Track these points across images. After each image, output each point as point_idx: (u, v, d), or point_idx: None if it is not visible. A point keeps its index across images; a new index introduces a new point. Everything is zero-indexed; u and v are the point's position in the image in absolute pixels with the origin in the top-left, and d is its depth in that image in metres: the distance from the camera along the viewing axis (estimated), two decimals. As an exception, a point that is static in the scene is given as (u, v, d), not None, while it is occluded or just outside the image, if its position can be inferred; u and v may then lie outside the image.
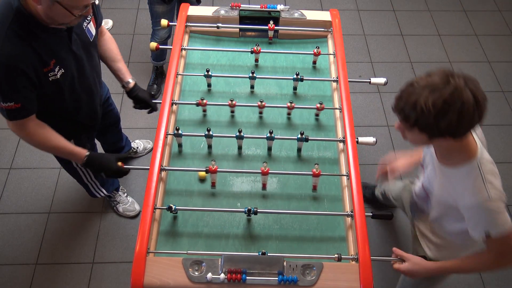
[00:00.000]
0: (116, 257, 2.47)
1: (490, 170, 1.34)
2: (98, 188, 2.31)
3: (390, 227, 2.62)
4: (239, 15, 2.22)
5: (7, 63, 1.43)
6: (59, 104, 1.72)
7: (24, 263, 2.43)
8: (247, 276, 1.44)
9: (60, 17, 1.45)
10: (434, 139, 1.28)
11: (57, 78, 1.58)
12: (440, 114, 1.18)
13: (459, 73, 1.22)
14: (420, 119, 1.22)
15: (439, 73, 1.22)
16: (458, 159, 1.37)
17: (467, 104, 1.17)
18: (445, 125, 1.20)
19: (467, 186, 1.35)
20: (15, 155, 2.85)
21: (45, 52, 1.51)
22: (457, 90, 1.17)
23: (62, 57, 1.58)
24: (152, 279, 1.44)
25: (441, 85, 1.18)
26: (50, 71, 1.55)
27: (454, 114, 1.18)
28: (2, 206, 2.64)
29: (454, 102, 1.17)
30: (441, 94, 1.17)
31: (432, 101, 1.18)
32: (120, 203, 2.57)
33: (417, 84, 1.23)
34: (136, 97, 1.99)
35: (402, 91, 1.28)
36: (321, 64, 2.19)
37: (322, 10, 3.74)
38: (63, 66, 1.59)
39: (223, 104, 1.94)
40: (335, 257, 1.52)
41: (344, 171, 1.79)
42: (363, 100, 3.25)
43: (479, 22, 3.83)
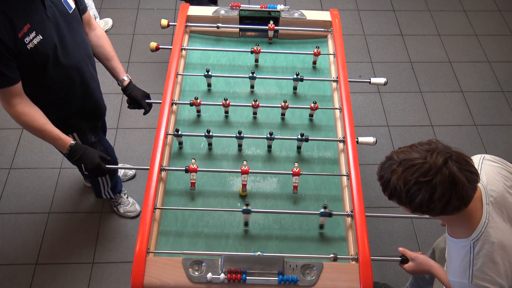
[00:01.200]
0: (116, 257, 2.47)
1: (488, 254, 1.26)
2: (108, 189, 2.34)
3: (390, 227, 2.62)
4: (239, 15, 2.22)
5: None
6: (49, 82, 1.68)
7: (24, 263, 2.43)
8: (247, 276, 1.44)
9: None
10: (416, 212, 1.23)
11: (35, 45, 1.54)
12: (412, 192, 1.15)
13: (444, 150, 1.16)
14: (394, 194, 1.20)
15: (421, 148, 1.18)
16: (458, 231, 1.32)
17: (440, 185, 1.11)
18: (418, 203, 1.16)
19: (456, 263, 1.33)
20: (15, 155, 2.85)
21: (17, 15, 1.48)
22: (432, 169, 1.12)
23: (36, 22, 1.54)
24: (152, 279, 1.44)
25: (417, 163, 1.14)
26: (25, 35, 1.50)
27: (426, 194, 1.13)
28: (2, 206, 2.64)
29: (426, 182, 1.12)
30: (413, 172, 1.14)
31: (403, 178, 1.15)
32: (121, 204, 2.57)
33: (396, 157, 1.20)
34: (130, 95, 1.98)
35: (384, 161, 1.25)
36: (321, 64, 2.19)
37: (322, 10, 3.74)
38: (40, 31, 1.55)
39: (217, 104, 1.94)
40: (331, 257, 1.52)
41: (344, 171, 1.79)
42: (363, 100, 3.25)
43: (479, 22, 3.83)
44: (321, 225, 1.67)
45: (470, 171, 1.15)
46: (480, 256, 1.27)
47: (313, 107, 1.92)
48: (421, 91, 3.33)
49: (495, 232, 1.27)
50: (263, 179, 1.81)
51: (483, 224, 1.26)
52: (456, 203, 1.15)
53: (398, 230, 2.62)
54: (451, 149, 1.18)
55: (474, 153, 3.22)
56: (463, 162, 1.15)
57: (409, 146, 1.22)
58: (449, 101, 3.29)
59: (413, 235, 2.61)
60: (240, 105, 1.98)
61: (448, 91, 3.35)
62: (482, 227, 1.26)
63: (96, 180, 2.23)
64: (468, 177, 1.14)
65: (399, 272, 2.42)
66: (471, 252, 1.28)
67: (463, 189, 1.13)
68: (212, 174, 1.80)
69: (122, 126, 3.02)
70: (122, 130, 2.99)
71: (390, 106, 3.24)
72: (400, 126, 3.12)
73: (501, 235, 1.27)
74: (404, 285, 2.24)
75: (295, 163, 1.73)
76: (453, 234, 1.35)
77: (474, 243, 1.27)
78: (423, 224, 2.64)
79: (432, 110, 3.22)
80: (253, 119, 1.99)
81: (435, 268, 1.56)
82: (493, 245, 1.26)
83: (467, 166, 1.15)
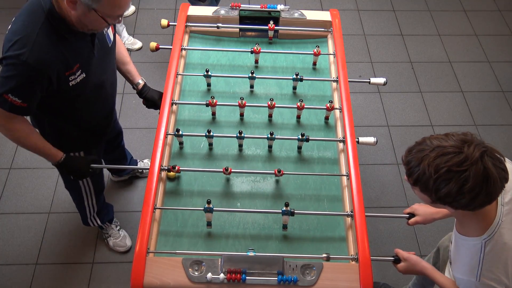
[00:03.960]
0: (116, 257, 2.47)
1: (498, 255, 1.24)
2: (94, 215, 2.27)
3: (390, 227, 2.62)
4: (239, 15, 2.22)
5: (34, 66, 1.43)
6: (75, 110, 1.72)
7: (24, 263, 2.43)
8: (247, 276, 1.44)
9: (93, 24, 1.47)
10: (437, 204, 1.22)
11: (78, 82, 1.58)
12: (441, 180, 1.12)
13: (481, 144, 1.14)
14: (421, 180, 1.17)
15: (457, 137, 1.15)
16: (469, 229, 1.30)
17: (473, 178, 1.09)
18: (444, 193, 1.14)
19: (464, 260, 1.32)
20: (15, 155, 2.85)
21: (72, 55, 1.52)
22: (467, 161, 1.10)
23: (85, 61, 1.59)
24: (152, 279, 1.44)
25: (452, 151, 1.11)
26: (71, 74, 1.55)
27: (455, 185, 1.11)
28: (2, 206, 2.64)
29: (458, 172, 1.10)
30: (447, 161, 1.11)
31: (436, 165, 1.12)
32: (111, 237, 2.47)
33: (429, 142, 1.17)
34: (146, 97, 2.03)
35: (413, 146, 1.22)
36: (321, 64, 2.19)
37: (322, 10, 3.74)
38: (85, 70, 1.59)
39: (232, 104, 1.94)
40: (323, 256, 1.51)
41: (344, 171, 1.79)
42: (363, 100, 3.25)
43: (479, 22, 3.83)
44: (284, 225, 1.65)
45: (503, 169, 1.14)
46: (491, 256, 1.26)
47: (329, 107, 1.90)
48: (421, 91, 3.33)
49: (508, 233, 1.25)
50: (263, 179, 1.81)
51: (496, 224, 1.25)
52: (483, 198, 1.13)
53: (398, 230, 2.62)
54: (486, 144, 1.16)
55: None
56: (497, 158, 1.14)
57: (444, 134, 1.19)
58: (449, 101, 3.29)
59: (413, 235, 2.61)
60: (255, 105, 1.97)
61: (448, 91, 3.35)
62: (496, 227, 1.25)
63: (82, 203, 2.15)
64: (501, 174, 1.13)
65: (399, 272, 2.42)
66: (481, 251, 1.26)
67: (494, 186, 1.12)
68: (212, 174, 1.80)
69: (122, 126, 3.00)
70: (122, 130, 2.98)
71: (390, 106, 3.24)
72: (400, 126, 3.12)
73: None
74: (406, 284, 2.24)
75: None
76: (463, 232, 1.34)
77: (486, 242, 1.26)
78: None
79: (432, 110, 3.22)
80: (253, 119, 1.99)
81: (428, 270, 1.56)
82: (505, 246, 1.25)
83: (500, 163, 1.14)
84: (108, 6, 1.40)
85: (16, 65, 1.42)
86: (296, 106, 1.91)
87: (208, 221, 1.64)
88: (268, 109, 1.95)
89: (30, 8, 1.47)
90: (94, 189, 2.12)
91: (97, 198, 2.18)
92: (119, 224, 2.53)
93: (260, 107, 1.97)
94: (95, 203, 2.19)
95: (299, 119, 1.98)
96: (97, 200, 2.19)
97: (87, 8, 1.39)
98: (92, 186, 2.09)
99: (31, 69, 1.43)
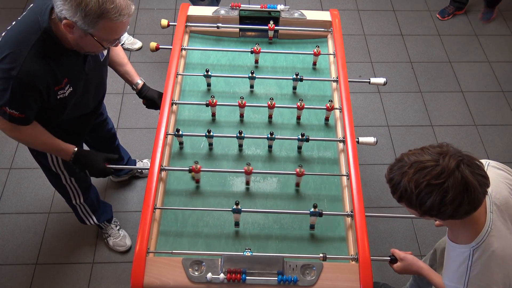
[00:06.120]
0: (116, 257, 2.47)
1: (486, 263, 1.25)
2: (87, 213, 2.26)
3: (390, 227, 2.62)
4: (239, 15, 2.22)
5: (25, 80, 1.45)
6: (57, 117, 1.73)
7: (24, 263, 2.43)
8: (247, 276, 1.44)
9: (89, 47, 1.49)
10: (425, 216, 1.23)
11: (65, 96, 1.61)
12: (423, 195, 1.14)
13: (456, 153, 1.15)
14: (405, 196, 1.18)
15: (433, 151, 1.17)
16: (459, 237, 1.31)
17: (453, 189, 1.11)
18: (428, 207, 1.15)
19: (452, 267, 1.33)
20: (15, 155, 2.85)
21: (60, 71, 1.54)
22: (444, 172, 1.11)
23: (74, 77, 1.61)
24: (152, 279, 1.44)
25: (429, 165, 1.13)
26: (61, 89, 1.58)
27: (437, 197, 1.12)
28: (2, 206, 2.64)
29: (438, 185, 1.11)
30: (426, 175, 1.13)
31: (415, 180, 1.14)
32: (111, 236, 2.47)
33: (407, 159, 1.19)
34: (145, 97, 2.03)
35: (393, 164, 1.24)
36: (321, 64, 2.19)
37: (322, 10, 3.74)
38: (73, 85, 1.62)
39: (232, 104, 1.94)
40: (320, 256, 1.51)
41: (344, 171, 1.79)
42: (363, 100, 3.25)
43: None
44: (311, 225, 1.66)
45: (482, 175, 1.14)
46: (478, 264, 1.26)
47: (329, 107, 1.90)
48: (421, 91, 3.33)
49: (497, 241, 1.25)
50: (263, 179, 1.81)
51: (485, 232, 1.25)
52: (467, 207, 1.14)
53: (398, 230, 2.62)
54: (462, 152, 1.17)
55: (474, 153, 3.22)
56: (475, 166, 1.15)
57: (420, 149, 1.20)
58: (449, 101, 3.29)
59: (413, 235, 2.61)
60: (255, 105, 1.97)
61: (448, 91, 3.35)
62: (484, 235, 1.25)
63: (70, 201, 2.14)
64: (480, 181, 1.13)
65: (399, 272, 2.42)
66: (469, 259, 1.27)
67: (475, 193, 1.12)
68: (212, 174, 1.80)
69: (122, 126, 3.02)
70: (122, 130, 2.99)
71: (390, 106, 3.24)
72: (400, 126, 3.12)
73: (503, 244, 1.26)
74: (404, 285, 2.24)
75: (299, 165, 1.71)
76: (453, 239, 1.34)
77: (474, 250, 1.26)
78: (423, 224, 2.64)
79: (432, 110, 3.22)
80: (253, 119, 1.99)
81: (424, 270, 1.56)
82: (493, 254, 1.25)
83: (479, 170, 1.14)
84: (104, 31, 1.42)
85: (7, 79, 1.44)
86: (296, 106, 1.91)
87: (236, 221, 1.65)
88: (268, 109, 1.95)
89: (26, 21, 1.49)
90: (79, 187, 2.10)
91: (84, 196, 2.16)
92: (119, 224, 2.53)
93: (260, 107, 1.97)
94: (83, 201, 2.18)
95: (299, 119, 1.98)
96: (85, 198, 2.17)
97: (83, 32, 1.41)
98: (76, 184, 2.08)
99: (22, 83, 1.45)
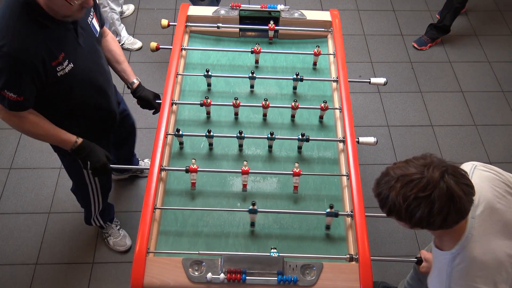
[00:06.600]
0: (116, 257, 2.47)
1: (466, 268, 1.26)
2: (97, 215, 2.28)
3: (390, 227, 2.62)
4: (239, 15, 2.22)
5: (16, 56, 1.43)
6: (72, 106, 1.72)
7: (24, 263, 2.43)
8: (247, 276, 1.44)
9: (60, 8, 1.45)
10: (416, 228, 1.23)
11: (66, 73, 1.57)
12: (412, 208, 1.15)
13: (440, 164, 1.17)
14: (394, 210, 1.19)
15: (417, 163, 1.18)
16: (443, 243, 1.33)
17: (439, 199, 1.12)
18: (418, 219, 1.16)
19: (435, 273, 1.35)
20: (15, 155, 2.85)
21: (54, 44, 1.51)
22: (430, 184, 1.12)
23: (70, 50, 1.58)
24: (152, 279, 1.44)
25: (415, 178, 1.14)
26: (59, 64, 1.54)
27: (425, 209, 1.13)
28: (2, 206, 2.64)
29: (425, 198, 1.13)
30: (412, 188, 1.14)
31: (403, 194, 1.15)
32: (111, 236, 2.47)
33: (393, 173, 1.19)
34: (140, 97, 2.01)
35: (380, 177, 1.25)
36: (321, 64, 2.19)
37: (322, 10, 3.74)
38: (72, 60, 1.58)
39: (227, 104, 1.94)
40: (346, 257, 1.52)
41: (344, 171, 1.79)
42: (363, 100, 3.25)
43: (479, 22, 3.83)
44: (327, 226, 1.66)
45: (466, 184, 1.16)
46: (459, 270, 1.27)
47: (323, 107, 1.91)
48: (421, 91, 3.33)
49: (478, 246, 1.26)
50: (263, 179, 1.81)
51: (465, 238, 1.27)
52: (454, 216, 1.15)
53: (398, 230, 2.62)
54: (446, 162, 1.19)
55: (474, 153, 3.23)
56: (459, 175, 1.16)
57: (405, 161, 1.22)
58: (449, 101, 3.29)
59: (413, 235, 2.61)
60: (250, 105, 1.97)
61: (448, 91, 3.35)
62: (464, 241, 1.27)
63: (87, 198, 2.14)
64: (465, 190, 1.14)
65: (399, 272, 2.42)
66: (449, 265, 1.28)
67: (461, 202, 1.13)
68: (212, 174, 1.80)
69: (122, 126, 3.02)
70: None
71: (390, 106, 3.24)
72: (400, 126, 3.12)
73: (484, 249, 1.26)
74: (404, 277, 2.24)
75: (296, 163, 1.73)
76: (439, 245, 1.36)
77: (454, 256, 1.28)
78: (423, 224, 2.64)
79: (432, 110, 3.22)
80: (259, 119, 1.99)
81: None
82: (473, 260, 1.26)
83: (463, 179, 1.16)
84: None
85: (1, 58, 1.42)
86: (291, 106, 1.91)
87: (252, 222, 1.65)
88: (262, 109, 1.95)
89: (7, 1, 1.47)
90: (101, 189, 2.12)
91: (103, 198, 2.19)
92: (119, 223, 2.53)
93: (260, 107, 1.97)
94: (101, 202, 2.19)
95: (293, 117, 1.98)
96: (103, 200, 2.20)
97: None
98: (99, 185, 2.10)
99: (14, 59, 1.43)
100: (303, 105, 2.00)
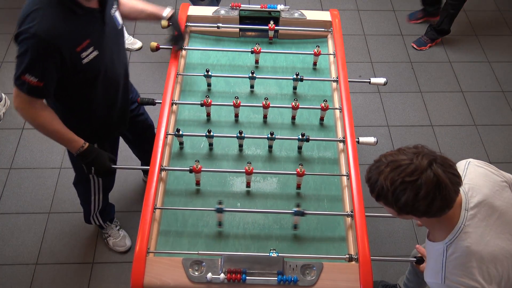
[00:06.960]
0: (116, 257, 2.47)
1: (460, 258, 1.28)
2: (97, 213, 2.28)
3: (390, 227, 2.62)
4: (239, 15, 2.22)
5: (43, 37, 1.45)
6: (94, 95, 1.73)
7: (24, 263, 2.43)
8: (247, 276, 1.44)
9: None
10: (401, 215, 1.27)
11: (91, 60, 1.59)
12: (398, 192, 1.18)
13: (430, 153, 1.21)
14: (382, 194, 1.23)
15: (408, 151, 1.22)
16: (436, 235, 1.35)
17: (425, 185, 1.15)
18: (403, 203, 1.19)
19: (430, 265, 1.36)
20: (15, 155, 2.85)
21: (81, 30, 1.54)
22: (418, 170, 1.16)
23: (95, 37, 1.60)
24: (152, 279, 1.44)
25: (404, 164, 1.19)
26: (83, 50, 1.55)
27: (411, 193, 1.17)
28: (2, 206, 2.64)
29: (411, 182, 1.16)
30: (401, 172, 1.18)
31: (391, 178, 1.19)
32: (111, 237, 2.47)
33: (384, 159, 1.24)
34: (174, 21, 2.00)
35: (372, 164, 1.29)
36: (321, 64, 2.19)
37: (322, 10, 3.74)
38: (97, 47, 1.60)
39: (227, 104, 1.94)
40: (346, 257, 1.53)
41: (344, 171, 1.79)
42: (363, 100, 3.25)
43: (479, 22, 3.83)
44: (295, 225, 1.66)
45: (454, 174, 1.19)
46: (453, 260, 1.29)
47: (324, 107, 1.90)
48: (421, 91, 3.33)
49: (471, 237, 1.28)
50: (263, 179, 1.81)
51: (458, 229, 1.29)
52: (439, 203, 1.18)
53: (398, 230, 2.62)
54: (436, 153, 1.22)
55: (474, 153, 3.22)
56: (447, 165, 1.19)
57: (397, 150, 1.26)
58: (449, 101, 3.29)
59: (413, 235, 2.61)
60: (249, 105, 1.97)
61: (448, 91, 3.35)
62: (457, 232, 1.29)
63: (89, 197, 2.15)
64: (452, 179, 1.17)
65: (399, 271, 2.42)
66: (444, 255, 1.31)
67: (446, 190, 1.16)
68: (212, 174, 1.80)
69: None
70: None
71: (390, 106, 3.24)
72: (400, 126, 3.12)
73: (478, 240, 1.28)
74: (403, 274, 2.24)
75: (300, 164, 1.72)
76: (431, 238, 1.38)
77: (447, 246, 1.30)
78: (423, 224, 2.64)
79: (432, 110, 3.22)
80: (259, 119, 1.99)
81: None
82: (468, 250, 1.28)
83: (451, 169, 1.19)
84: None
85: (28, 39, 1.44)
86: (291, 106, 1.91)
87: (219, 221, 1.65)
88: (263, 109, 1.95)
89: None
90: (103, 186, 2.13)
91: (104, 196, 2.19)
92: (119, 224, 2.53)
93: (260, 107, 1.97)
94: (102, 200, 2.19)
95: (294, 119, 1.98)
96: (104, 198, 2.20)
97: None
98: (101, 183, 2.10)
99: (41, 40, 1.45)
100: (303, 105, 2.00)
